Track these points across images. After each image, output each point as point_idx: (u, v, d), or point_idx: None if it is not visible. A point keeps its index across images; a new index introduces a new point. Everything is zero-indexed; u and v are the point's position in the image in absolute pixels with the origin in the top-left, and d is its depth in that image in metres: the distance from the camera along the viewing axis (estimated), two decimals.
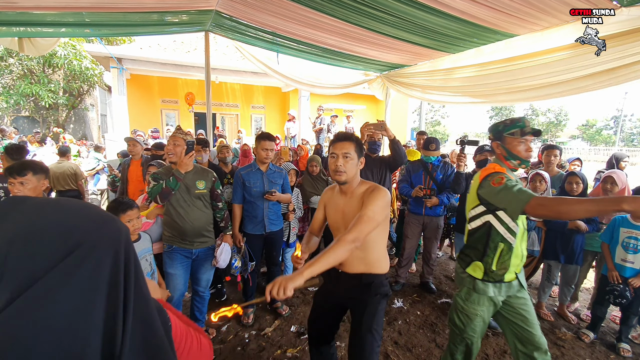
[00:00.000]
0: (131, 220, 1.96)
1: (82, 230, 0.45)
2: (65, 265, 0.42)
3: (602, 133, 37.81)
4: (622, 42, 2.53)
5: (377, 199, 1.53)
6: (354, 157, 1.60)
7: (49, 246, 0.42)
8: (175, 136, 2.35)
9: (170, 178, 2.26)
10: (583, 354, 2.59)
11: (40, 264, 0.41)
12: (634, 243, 2.58)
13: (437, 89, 4.80)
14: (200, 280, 2.56)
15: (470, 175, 3.13)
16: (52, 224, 0.44)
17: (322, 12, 3.46)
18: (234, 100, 11.07)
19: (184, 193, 2.37)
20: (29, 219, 0.44)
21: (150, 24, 4.59)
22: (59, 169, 4.79)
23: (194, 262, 2.49)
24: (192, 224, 2.38)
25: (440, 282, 3.80)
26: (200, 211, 2.45)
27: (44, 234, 0.42)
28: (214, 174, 2.55)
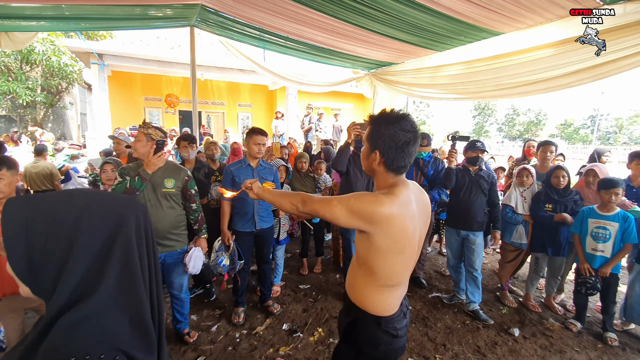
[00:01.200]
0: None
1: (121, 204, 0.64)
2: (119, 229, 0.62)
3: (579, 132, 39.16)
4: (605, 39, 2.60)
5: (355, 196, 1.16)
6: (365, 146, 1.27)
7: (104, 216, 0.61)
8: (138, 131, 2.25)
9: (136, 177, 2.11)
10: (571, 344, 2.66)
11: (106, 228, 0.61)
12: (603, 232, 2.68)
13: (424, 86, 4.84)
14: (173, 284, 2.44)
15: (460, 170, 3.16)
16: (97, 205, 0.62)
17: (310, 8, 3.42)
18: (219, 98, 10.90)
19: (149, 192, 2.22)
20: (87, 198, 0.62)
21: (133, 17, 4.46)
22: (34, 168, 4.57)
23: (163, 266, 2.34)
24: (155, 225, 2.21)
25: (430, 277, 3.84)
26: (166, 212, 2.27)
27: (96, 212, 0.61)
28: (187, 173, 2.40)
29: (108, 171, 2.84)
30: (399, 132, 1.17)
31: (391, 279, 1.20)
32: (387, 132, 1.18)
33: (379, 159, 1.20)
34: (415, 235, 1.21)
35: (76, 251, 0.57)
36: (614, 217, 2.66)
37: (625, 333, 2.85)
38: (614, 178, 2.69)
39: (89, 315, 0.55)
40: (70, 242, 0.57)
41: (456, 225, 3.18)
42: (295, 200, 1.27)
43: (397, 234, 1.13)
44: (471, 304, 3.06)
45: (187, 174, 2.41)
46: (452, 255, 3.28)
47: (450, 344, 2.60)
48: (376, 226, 1.11)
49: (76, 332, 0.53)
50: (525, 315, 3.05)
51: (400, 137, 1.17)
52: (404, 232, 1.14)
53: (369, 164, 1.25)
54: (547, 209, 3.01)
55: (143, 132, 2.17)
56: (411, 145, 1.19)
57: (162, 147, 2.21)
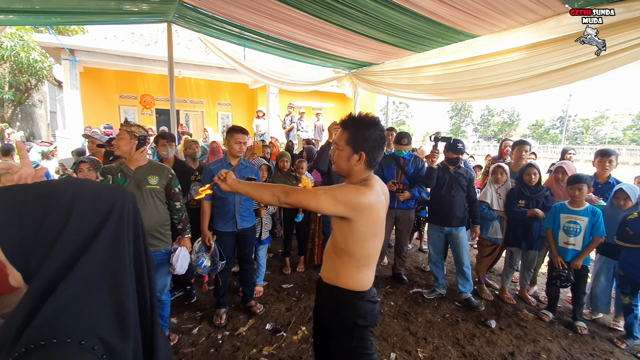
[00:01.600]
0: None
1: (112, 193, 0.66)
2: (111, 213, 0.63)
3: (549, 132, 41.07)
4: (573, 43, 2.73)
5: (340, 187, 1.31)
6: (343, 150, 1.36)
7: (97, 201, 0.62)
8: (120, 129, 2.20)
9: (119, 174, 2.07)
10: (544, 333, 2.79)
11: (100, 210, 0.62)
12: (574, 227, 2.83)
13: (404, 86, 4.92)
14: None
15: (440, 168, 3.25)
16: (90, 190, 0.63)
17: (291, 6, 3.41)
18: (198, 96, 10.66)
19: (133, 189, 2.16)
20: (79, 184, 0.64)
21: (107, 12, 4.30)
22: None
23: None
24: None
25: (411, 273, 3.91)
26: (150, 210, 2.21)
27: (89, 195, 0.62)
28: (170, 171, 2.35)
29: (84, 170, 2.72)
30: (379, 134, 1.35)
31: (368, 259, 1.39)
32: (370, 135, 1.33)
33: (364, 159, 1.34)
34: (384, 221, 1.42)
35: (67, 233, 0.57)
36: (583, 211, 2.81)
37: (594, 322, 3.02)
38: (579, 174, 2.84)
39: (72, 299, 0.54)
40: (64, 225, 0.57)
41: (438, 222, 3.27)
42: (276, 192, 1.30)
43: (374, 220, 1.33)
44: (463, 293, 3.21)
45: (171, 172, 2.37)
46: (434, 251, 3.36)
47: (431, 338, 2.66)
48: (358, 213, 1.28)
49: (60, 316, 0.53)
50: (501, 308, 3.18)
51: (380, 138, 1.35)
52: (378, 218, 1.35)
53: (350, 164, 1.36)
54: (520, 205, 3.14)
55: (126, 130, 2.14)
56: (384, 142, 1.38)
57: (144, 143, 2.17)
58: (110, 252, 0.61)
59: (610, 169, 3.09)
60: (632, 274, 2.58)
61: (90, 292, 0.56)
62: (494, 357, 2.45)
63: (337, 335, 1.41)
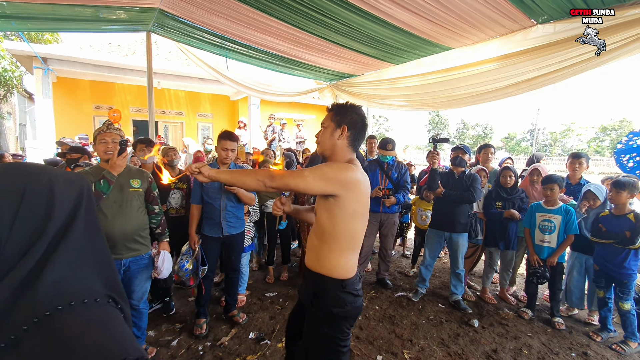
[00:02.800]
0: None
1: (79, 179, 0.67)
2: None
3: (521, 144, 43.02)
4: (539, 54, 2.92)
5: (327, 165, 1.35)
6: (328, 126, 1.43)
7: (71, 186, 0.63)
8: (110, 132, 2.14)
9: (101, 181, 1.99)
10: (524, 330, 2.87)
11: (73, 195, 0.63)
12: (549, 225, 2.97)
13: (384, 97, 5.05)
14: (133, 293, 2.26)
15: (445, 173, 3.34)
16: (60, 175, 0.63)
17: (272, 16, 3.46)
18: (178, 107, 10.50)
19: (116, 193, 2.11)
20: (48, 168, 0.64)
21: (83, 19, 4.20)
22: None
23: (125, 273, 2.19)
24: (123, 227, 2.10)
25: (395, 278, 3.94)
26: (134, 213, 2.17)
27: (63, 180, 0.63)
28: (149, 175, 2.34)
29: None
30: (361, 117, 1.46)
31: (353, 241, 1.41)
32: (353, 114, 1.44)
33: (346, 133, 1.42)
34: (368, 203, 1.46)
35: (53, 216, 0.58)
36: (557, 210, 2.95)
37: (570, 318, 3.14)
38: (552, 175, 3.01)
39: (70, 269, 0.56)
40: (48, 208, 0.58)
41: (441, 227, 3.29)
42: (260, 177, 1.29)
43: (362, 198, 1.37)
44: (454, 295, 3.24)
45: (150, 175, 2.34)
46: (430, 255, 3.39)
47: (416, 339, 2.67)
48: (347, 190, 1.31)
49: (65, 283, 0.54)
50: (483, 308, 3.24)
51: (360, 119, 1.45)
52: (366, 196, 1.39)
53: (334, 139, 1.43)
54: (498, 207, 3.26)
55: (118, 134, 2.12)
56: (365, 130, 1.47)
57: (125, 148, 2.10)
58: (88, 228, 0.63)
59: (580, 171, 3.27)
60: (606, 267, 2.71)
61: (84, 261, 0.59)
62: (478, 354, 2.48)
63: (314, 318, 1.42)
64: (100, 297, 0.57)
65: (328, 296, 1.38)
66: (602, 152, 33.99)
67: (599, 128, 36.32)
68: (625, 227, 2.59)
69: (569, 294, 3.08)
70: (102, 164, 2.14)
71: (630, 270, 2.60)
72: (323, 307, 1.38)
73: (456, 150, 3.41)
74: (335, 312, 1.36)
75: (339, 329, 1.38)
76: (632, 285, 2.63)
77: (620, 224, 2.63)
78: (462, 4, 2.69)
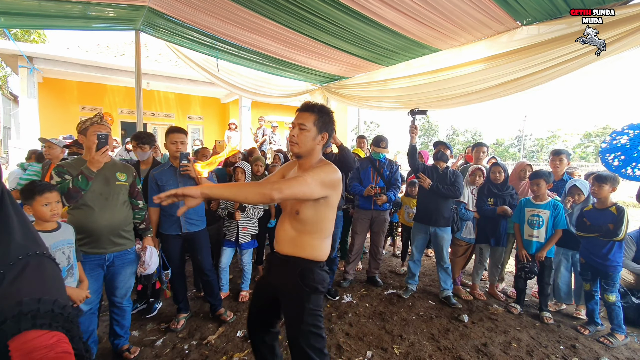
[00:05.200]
0: (49, 204, 1.70)
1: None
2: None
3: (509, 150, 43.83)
4: (524, 55, 2.99)
5: (322, 170, 1.42)
6: (310, 130, 1.47)
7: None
8: (104, 125, 2.09)
9: (79, 177, 1.93)
10: (513, 324, 2.90)
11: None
12: (537, 220, 3.01)
13: (374, 99, 5.10)
14: (117, 290, 2.19)
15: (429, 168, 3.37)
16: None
17: (263, 16, 3.47)
18: (167, 109, 10.40)
19: (101, 186, 2.05)
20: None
21: (71, 16, 4.14)
22: None
23: (109, 269, 2.13)
24: (110, 220, 2.05)
25: (385, 277, 3.92)
26: (120, 206, 2.13)
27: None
28: (134, 170, 2.29)
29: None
30: (334, 120, 1.59)
31: (330, 229, 1.57)
32: (331, 119, 1.56)
33: (326, 139, 1.54)
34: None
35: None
36: (545, 205, 2.99)
37: (559, 312, 3.18)
38: (539, 171, 3.07)
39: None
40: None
41: (424, 221, 3.31)
42: (266, 190, 1.23)
43: (339, 193, 1.52)
44: (444, 290, 3.26)
45: (134, 170, 2.30)
46: (417, 250, 3.41)
47: (406, 334, 2.66)
48: (335, 189, 1.47)
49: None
50: (472, 303, 3.26)
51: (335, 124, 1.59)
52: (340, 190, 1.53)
53: (314, 144, 1.52)
54: (490, 203, 3.30)
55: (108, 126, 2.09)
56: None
57: (105, 143, 2.03)
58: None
59: (561, 167, 3.34)
60: (592, 260, 2.75)
61: (28, 222, 0.74)
62: (467, 348, 2.48)
63: (296, 298, 1.51)
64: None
65: (313, 275, 1.51)
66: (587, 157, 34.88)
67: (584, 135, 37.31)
68: (608, 219, 2.64)
69: (556, 289, 3.12)
70: (85, 156, 2.08)
71: (614, 262, 2.64)
72: (310, 285, 1.50)
73: (438, 145, 3.45)
74: (320, 289, 1.52)
75: (318, 304, 1.53)
76: (616, 277, 2.67)
77: (603, 217, 2.68)
78: (450, 5, 2.74)
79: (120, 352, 2.31)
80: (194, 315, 2.91)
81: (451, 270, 3.56)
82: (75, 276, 1.86)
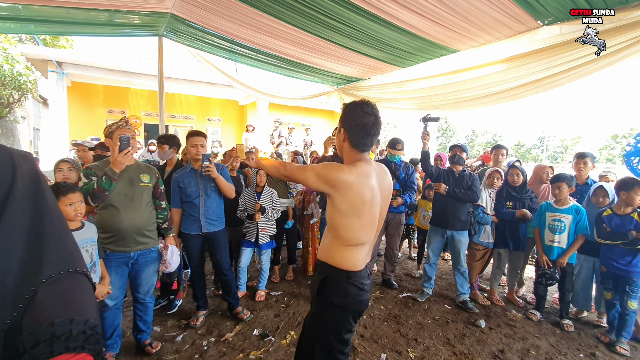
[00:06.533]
0: (72, 204, 1.79)
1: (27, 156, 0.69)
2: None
3: (531, 152, 42.43)
4: (546, 56, 2.91)
5: (323, 165, 1.39)
6: (339, 129, 1.47)
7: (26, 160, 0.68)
8: (128, 128, 2.20)
9: (103, 178, 2.03)
10: (532, 331, 2.83)
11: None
12: (559, 225, 2.92)
13: (390, 100, 5.08)
14: (140, 287, 2.30)
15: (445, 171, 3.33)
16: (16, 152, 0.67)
17: (280, 20, 3.53)
18: (188, 112, 10.69)
19: (126, 187, 2.15)
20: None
21: (98, 23, 4.33)
22: None
23: (133, 266, 2.24)
24: (134, 220, 2.15)
25: (400, 280, 3.91)
26: (144, 206, 2.22)
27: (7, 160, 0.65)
28: (157, 172, 2.39)
29: (64, 170, 2.64)
30: (360, 113, 1.38)
31: (353, 239, 1.39)
32: (352, 114, 1.40)
33: (343, 136, 1.43)
34: (374, 206, 1.41)
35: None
36: (567, 210, 2.90)
37: (579, 320, 3.08)
38: (560, 174, 2.96)
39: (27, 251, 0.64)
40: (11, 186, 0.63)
41: (441, 225, 3.28)
42: (278, 166, 1.55)
43: (354, 199, 1.34)
44: (461, 295, 3.22)
45: (157, 172, 2.40)
46: (433, 254, 3.38)
47: (421, 338, 2.64)
48: (337, 190, 1.34)
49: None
50: (490, 309, 3.20)
51: (360, 118, 1.38)
52: (360, 198, 1.35)
53: (339, 141, 1.48)
54: (508, 206, 3.23)
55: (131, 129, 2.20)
56: (370, 126, 1.39)
57: (127, 145, 2.12)
58: (56, 202, 0.72)
59: (586, 170, 3.22)
60: (615, 268, 2.65)
61: (67, 232, 0.71)
62: (484, 354, 2.45)
63: (315, 305, 1.48)
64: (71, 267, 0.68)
65: (332, 285, 1.39)
66: (614, 159, 33.34)
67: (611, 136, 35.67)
68: (631, 226, 2.54)
69: (575, 295, 3.02)
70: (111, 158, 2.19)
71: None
72: (326, 294, 1.40)
73: (454, 149, 3.40)
74: (336, 302, 1.37)
75: (338, 319, 1.39)
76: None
77: (625, 223, 2.58)
78: (468, 6, 2.71)
79: (142, 347, 2.40)
80: (212, 313, 3.00)
81: (468, 274, 3.52)
82: (98, 273, 1.96)
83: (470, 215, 3.25)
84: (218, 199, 2.76)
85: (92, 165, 2.19)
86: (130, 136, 2.14)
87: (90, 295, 0.71)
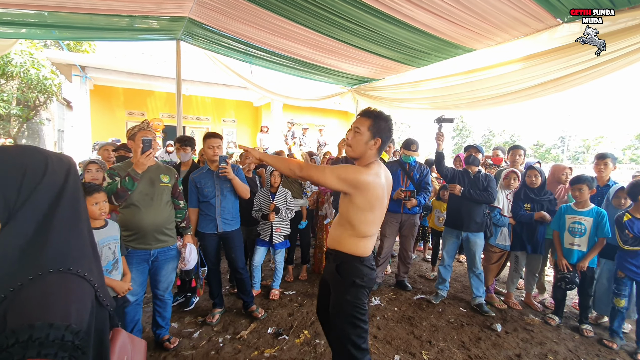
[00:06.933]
0: (97, 203, 1.87)
1: (66, 157, 0.78)
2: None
3: (550, 152, 41.16)
4: (565, 54, 2.84)
5: (344, 167, 1.55)
6: (363, 134, 1.58)
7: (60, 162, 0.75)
8: (149, 131, 2.28)
9: (126, 178, 2.12)
10: (550, 336, 2.76)
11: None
12: (579, 227, 2.84)
13: (405, 100, 5.04)
14: (159, 283, 2.39)
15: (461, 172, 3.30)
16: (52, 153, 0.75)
17: (295, 22, 3.57)
18: (204, 113, 10.90)
19: (147, 187, 2.24)
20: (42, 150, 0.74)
21: (119, 28, 4.48)
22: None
23: (153, 264, 2.32)
24: (154, 219, 2.23)
25: (414, 281, 3.88)
26: (164, 206, 2.31)
27: (55, 157, 0.75)
28: (175, 172, 2.47)
29: (92, 171, 2.79)
30: (391, 126, 1.63)
31: (366, 231, 1.61)
32: (386, 125, 1.61)
33: (379, 144, 1.60)
34: (384, 202, 1.63)
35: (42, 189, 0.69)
36: (588, 212, 2.82)
37: (599, 326, 2.99)
38: (581, 175, 2.88)
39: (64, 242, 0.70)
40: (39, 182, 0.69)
41: (456, 226, 3.25)
42: (293, 166, 1.58)
43: (370, 197, 1.54)
44: (477, 298, 3.19)
45: (176, 173, 2.48)
46: (448, 255, 3.36)
47: (435, 341, 2.63)
48: (356, 189, 1.53)
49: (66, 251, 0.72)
50: (506, 313, 3.15)
51: (390, 131, 1.63)
52: (375, 195, 1.56)
53: (366, 147, 1.59)
54: (526, 208, 3.16)
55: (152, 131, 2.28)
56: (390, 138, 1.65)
57: (149, 147, 2.21)
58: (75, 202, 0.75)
59: (606, 172, 3.11)
60: (636, 275, 2.55)
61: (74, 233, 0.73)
62: (500, 358, 2.41)
63: (337, 289, 1.63)
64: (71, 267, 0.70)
65: (350, 269, 1.61)
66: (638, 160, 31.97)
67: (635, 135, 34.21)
68: None
69: (597, 300, 2.92)
70: (133, 159, 2.28)
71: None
72: (346, 277, 1.60)
73: (469, 149, 3.35)
74: (357, 282, 1.59)
75: (357, 297, 1.59)
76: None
77: None
78: (485, 5, 2.68)
79: (161, 342, 2.48)
80: (228, 311, 3.06)
81: (484, 277, 3.46)
82: (120, 269, 2.04)
83: (486, 216, 3.20)
84: (234, 199, 2.82)
85: (115, 166, 2.28)
86: (152, 138, 2.23)
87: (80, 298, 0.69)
